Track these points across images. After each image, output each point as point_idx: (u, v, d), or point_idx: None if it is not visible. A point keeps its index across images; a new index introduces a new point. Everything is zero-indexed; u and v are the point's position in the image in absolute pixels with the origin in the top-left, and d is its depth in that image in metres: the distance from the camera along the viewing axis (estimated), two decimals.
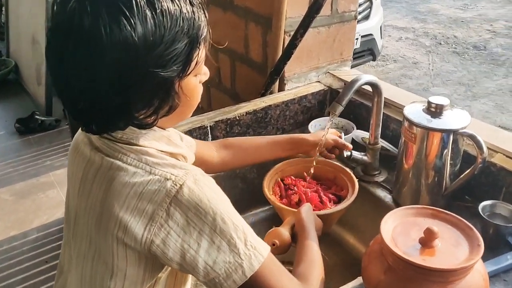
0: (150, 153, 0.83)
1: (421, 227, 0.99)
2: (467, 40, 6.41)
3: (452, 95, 5.04)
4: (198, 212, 0.77)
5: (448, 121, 1.19)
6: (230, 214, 0.80)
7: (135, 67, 0.72)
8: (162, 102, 0.79)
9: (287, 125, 1.67)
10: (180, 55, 0.75)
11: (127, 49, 0.71)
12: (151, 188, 0.78)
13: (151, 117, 0.80)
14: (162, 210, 0.77)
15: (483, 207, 1.18)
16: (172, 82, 0.78)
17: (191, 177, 0.80)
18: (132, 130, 0.83)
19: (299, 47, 1.55)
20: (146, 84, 0.74)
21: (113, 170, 0.81)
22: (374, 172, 1.44)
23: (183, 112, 0.88)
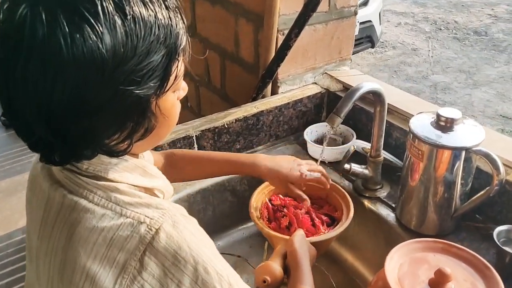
0: (120, 190, 0.70)
1: (431, 266, 0.87)
2: (468, 25, 6.26)
3: (452, 83, 4.92)
4: (177, 261, 0.66)
5: (459, 137, 1.06)
6: (213, 262, 0.69)
7: (103, 85, 0.60)
8: (137, 125, 0.67)
9: (281, 131, 1.54)
10: (156, 69, 0.64)
11: (92, 63, 0.58)
12: (122, 234, 0.66)
13: (124, 143, 0.68)
14: (135, 260, 0.65)
15: (498, 233, 1.06)
16: (148, 101, 0.66)
17: (169, 219, 0.68)
18: (100, 161, 0.70)
19: (294, 46, 1.42)
20: (117, 105, 0.62)
21: (77, 212, 0.69)
22: (376, 187, 1.32)
23: (160, 134, 0.76)
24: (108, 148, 0.68)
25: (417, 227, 1.18)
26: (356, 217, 1.32)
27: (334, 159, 1.43)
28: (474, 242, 1.14)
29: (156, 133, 0.72)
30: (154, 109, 0.68)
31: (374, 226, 1.28)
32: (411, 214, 1.18)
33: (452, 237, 1.16)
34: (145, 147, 0.79)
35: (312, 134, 1.51)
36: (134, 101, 0.63)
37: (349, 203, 1.17)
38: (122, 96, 0.61)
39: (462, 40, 5.89)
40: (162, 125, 0.72)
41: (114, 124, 0.65)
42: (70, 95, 0.59)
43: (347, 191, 1.33)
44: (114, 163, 0.71)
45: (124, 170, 0.72)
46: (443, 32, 6.10)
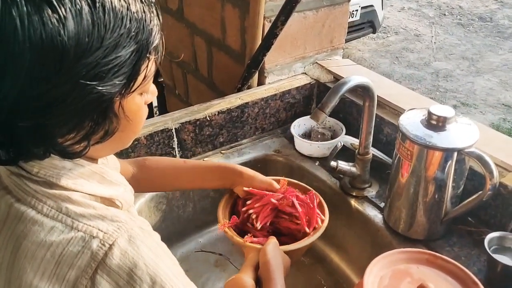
0: (73, 199, 0.63)
1: (414, 279, 0.81)
2: (473, 11, 6.13)
3: (454, 70, 4.83)
4: (132, 280, 0.60)
5: (451, 138, 0.99)
6: (173, 282, 0.62)
7: (62, 77, 0.53)
8: (96, 125, 0.60)
9: (267, 124, 1.47)
10: (123, 66, 0.58)
11: (51, 51, 0.52)
12: (72, 250, 0.60)
13: (80, 144, 0.61)
14: (87, 278, 0.59)
15: (490, 240, 0.99)
16: (110, 101, 0.60)
17: (125, 233, 0.62)
18: (52, 164, 0.64)
19: (282, 34, 1.33)
20: (75, 101, 0.55)
21: (24, 224, 0.62)
22: (364, 186, 1.25)
23: (122, 138, 0.69)
24: (62, 149, 0.61)
25: (404, 230, 1.11)
26: (342, 217, 1.27)
27: (321, 155, 1.36)
28: (465, 248, 1.08)
29: (118, 138, 0.66)
30: (117, 110, 0.62)
31: (360, 227, 1.21)
32: (398, 217, 1.11)
33: (442, 241, 1.09)
34: (106, 152, 0.72)
35: (300, 128, 1.43)
36: (95, 98, 0.57)
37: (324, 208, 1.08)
38: (81, 92, 0.55)
39: (466, 26, 5.77)
40: (125, 129, 0.66)
41: (70, 123, 0.58)
42: (22, 85, 0.53)
43: (334, 189, 1.27)
44: (68, 168, 0.65)
45: (79, 177, 0.66)
46: (447, 18, 5.97)
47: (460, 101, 4.29)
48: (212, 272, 1.30)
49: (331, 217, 1.29)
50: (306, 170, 1.33)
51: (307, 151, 1.37)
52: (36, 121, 0.55)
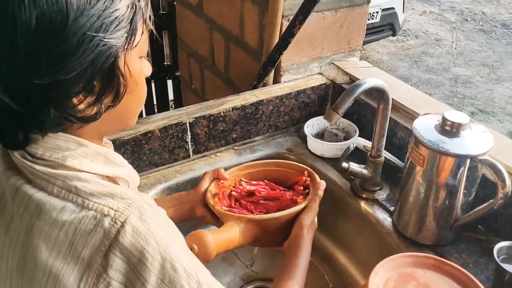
0: (82, 178, 0.65)
1: (419, 284, 0.81)
2: (496, 17, 6.05)
3: (474, 76, 4.77)
4: (144, 258, 0.62)
5: (465, 144, 0.98)
6: (181, 259, 0.64)
7: (68, 29, 0.56)
8: (106, 84, 0.63)
9: (281, 122, 1.47)
10: (122, 19, 0.62)
11: (54, 4, 0.55)
12: (85, 229, 0.62)
13: (93, 107, 0.63)
14: (101, 256, 0.61)
15: (499, 249, 0.98)
16: (116, 55, 0.62)
17: (135, 211, 0.63)
18: (57, 146, 0.65)
19: (299, 33, 1.33)
20: (84, 54, 0.58)
21: (35, 204, 0.64)
22: (374, 188, 1.25)
23: (129, 106, 0.70)
24: (76, 113, 0.62)
25: (413, 235, 1.11)
26: (351, 218, 1.27)
27: (333, 155, 1.36)
28: (473, 255, 1.07)
29: (125, 105, 0.68)
30: (123, 68, 0.64)
31: (369, 229, 1.21)
32: (408, 221, 1.11)
33: (450, 248, 1.09)
34: (115, 125, 0.74)
35: (313, 128, 1.44)
36: (102, 51, 0.59)
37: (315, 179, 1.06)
38: (89, 43, 0.58)
39: (488, 32, 5.70)
40: (132, 94, 0.68)
41: (82, 78, 0.59)
42: (32, 40, 0.55)
43: (344, 190, 1.27)
44: (72, 149, 0.66)
45: (84, 157, 0.67)
46: (469, 23, 5.90)
47: (478, 108, 4.24)
48: (219, 266, 1.31)
49: (340, 219, 1.30)
50: (318, 170, 1.33)
51: (320, 151, 1.37)
52: (50, 77, 0.57)
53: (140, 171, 1.29)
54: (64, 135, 0.65)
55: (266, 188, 1.09)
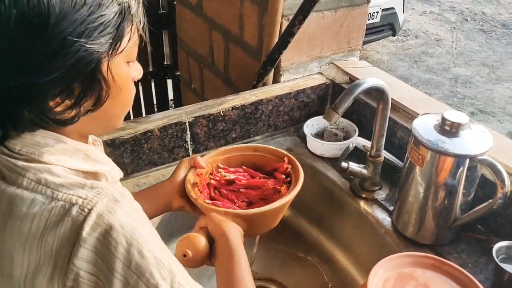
0: (53, 171, 0.64)
1: (419, 283, 0.81)
2: (496, 17, 6.05)
3: (474, 76, 4.77)
4: (107, 242, 0.60)
5: (464, 144, 0.98)
6: (150, 245, 0.62)
7: (48, 32, 0.55)
8: (86, 88, 0.62)
9: (280, 121, 1.47)
10: (108, 25, 0.60)
11: (37, 8, 0.54)
12: (55, 220, 0.60)
13: (71, 111, 0.62)
14: (69, 247, 0.60)
15: (498, 249, 0.98)
16: (99, 61, 0.61)
17: (104, 198, 0.62)
18: (35, 141, 0.64)
19: (299, 33, 1.33)
20: (64, 58, 0.57)
21: (7, 200, 0.63)
22: (374, 188, 1.25)
23: (112, 110, 0.69)
24: (53, 115, 0.61)
25: (412, 234, 1.11)
26: (351, 218, 1.27)
27: (333, 155, 1.36)
28: (473, 255, 1.07)
29: (108, 109, 0.67)
30: (106, 73, 0.63)
31: (368, 229, 1.21)
32: (407, 221, 1.11)
33: (450, 247, 1.09)
34: (97, 128, 0.72)
35: (313, 127, 1.44)
36: (83, 56, 0.58)
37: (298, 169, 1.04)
38: (70, 49, 0.57)
39: (488, 32, 5.69)
40: (115, 99, 0.66)
41: (61, 82, 0.58)
42: (9, 43, 0.54)
43: (343, 190, 1.27)
44: (50, 145, 0.65)
45: (62, 153, 0.66)
46: (469, 23, 5.90)
47: (478, 108, 4.24)
48: None
49: (340, 218, 1.30)
50: (317, 170, 1.33)
51: (319, 151, 1.37)
52: (26, 79, 0.56)
53: (139, 171, 1.29)
54: (43, 131, 0.65)
55: (245, 176, 1.06)
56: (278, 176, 1.05)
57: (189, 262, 0.81)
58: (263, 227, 1.00)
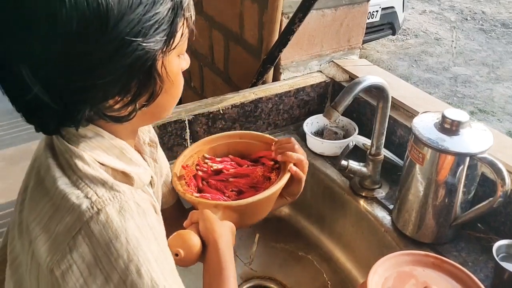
0: (85, 159, 0.65)
1: (418, 282, 0.80)
2: (496, 16, 6.04)
3: (473, 76, 4.76)
4: (109, 252, 0.59)
5: (465, 142, 0.98)
6: (151, 266, 0.60)
7: (108, 35, 0.56)
8: (142, 86, 0.63)
9: (280, 120, 1.47)
10: (163, 22, 0.61)
11: (96, 10, 0.55)
12: (65, 205, 0.61)
13: (128, 107, 0.64)
14: (70, 237, 0.60)
15: (498, 247, 0.98)
16: (154, 58, 0.62)
17: (117, 203, 0.62)
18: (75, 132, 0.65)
19: (299, 31, 1.33)
20: (121, 59, 0.58)
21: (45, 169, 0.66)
22: (374, 186, 1.25)
23: (163, 104, 0.71)
24: (111, 112, 0.64)
25: (412, 233, 1.10)
26: (351, 217, 1.27)
27: (333, 153, 1.36)
28: (473, 254, 1.07)
29: (161, 102, 0.68)
30: (160, 70, 0.64)
31: (368, 228, 1.21)
32: (407, 219, 1.11)
33: (450, 246, 1.09)
34: (148, 121, 0.75)
35: (313, 126, 1.43)
36: (140, 55, 0.59)
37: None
38: (128, 49, 0.57)
39: (488, 32, 5.69)
40: (167, 92, 0.68)
41: (119, 82, 0.60)
42: (69, 45, 0.55)
43: (343, 188, 1.27)
44: (89, 137, 0.66)
45: (98, 147, 0.67)
46: (469, 23, 5.89)
47: (477, 107, 4.24)
48: None
49: (339, 217, 1.30)
50: (317, 168, 1.33)
51: (319, 149, 1.37)
52: (86, 81, 0.58)
53: None
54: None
55: (233, 165, 1.03)
56: (266, 163, 1.02)
57: (181, 262, 0.79)
58: (255, 216, 0.97)
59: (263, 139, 1.06)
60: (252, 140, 1.07)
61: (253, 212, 0.96)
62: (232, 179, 1.00)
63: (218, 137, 1.08)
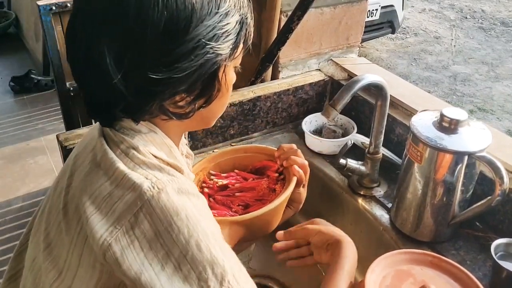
0: (140, 150, 0.69)
1: (416, 281, 0.80)
2: (495, 15, 6.04)
3: (473, 74, 4.76)
4: (171, 228, 0.63)
5: (463, 141, 0.98)
6: (210, 242, 0.64)
7: (189, 34, 0.64)
8: (205, 88, 0.70)
9: (279, 118, 1.47)
10: (231, 32, 0.68)
11: (183, 11, 0.63)
12: (126, 184, 0.65)
13: (189, 106, 0.71)
14: (131, 214, 0.64)
15: (496, 246, 0.98)
16: (220, 64, 0.69)
17: (176, 185, 0.66)
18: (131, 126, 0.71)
19: (298, 29, 1.33)
20: (196, 58, 0.65)
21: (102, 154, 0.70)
22: (372, 185, 1.24)
23: (214, 111, 0.78)
24: (174, 108, 0.70)
25: (411, 232, 1.10)
26: (349, 215, 1.26)
27: (331, 152, 1.35)
28: (471, 252, 1.07)
29: (213, 108, 0.75)
30: (221, 76, 0.71)
31: (366, 226, 1.21)
32: (405, 218, 1.11)
33: (448, 244, 1.09)
34: (196, 125, 0.80)
35: (311, 124, 1.43)
36: (210, 58, 0.66)
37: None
38: (202, 50, 0.64)
39: (487, 30, 5.68)
40: (220, 100, 0.74)
41: (187, 80, 0.66)
42: (156, 40, 0.62)
43: (342, 187, 1.27)
44: (143, 132, 0.71)
45: (151, 142, 0.71)
46: (468, 21, 5.89)
47: (477, 106, 4.24)
48: None
49: (338, 215, 1.30)
50: (315, 167, 1.33)
51: (318, 148, 1.37)
52: (165, 74, 0.63)
53: None
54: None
55: (238, 179, 1.05)
56: (271, 175, 1.03)
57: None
58: (263, 229, 0.98)
59: (268, 151, 1.08)
60: (257, 153, 1.09)
61: (261, 225, 0.96)
62: (238, 194, 1.01)
63: (224, 153, 1.10)
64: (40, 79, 3.50)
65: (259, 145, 1.11)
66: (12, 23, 4.23)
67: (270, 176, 1.03)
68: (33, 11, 3.63)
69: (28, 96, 3.45)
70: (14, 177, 2.79)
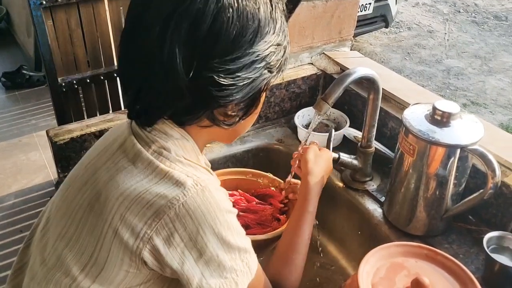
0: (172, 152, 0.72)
1: (410, 273, 0.80)
2: (489, 9, 6.04)
3: (466, 68, 4.77)
4: (213, 221, 0.69)
5: (455, 134, 0.97)
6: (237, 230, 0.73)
7: (253, 47, 0.67)
8: (250, 101, 0.73)
9: (272, 112, 1.46)
10: (281, 55, 0.72)
11: (252, 22, 0.67)
12: (169, 180, 0.69)
13: (234, 117, 0.73)
14: (172, 208, 0.67)
15: (488, 239, 0.98)
16: (268, 81, 0.73)
17: (213, 183, 0.72)
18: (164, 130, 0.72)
19: (289, 23, 1.32)
20: (253, 71, 0.68)
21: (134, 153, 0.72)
22: (365, 179, 1.24)
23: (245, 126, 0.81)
24: (223, 117, 0.72)
25: (404, 225, 1.10)
26: (342, 209, 1.26)
27: (324, 146, 1.34)
28: (464, 245, 1.07)
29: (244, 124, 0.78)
30: (261, 94, 0.74)
31: (359, 220, 1.20)
32: (398, 212, 1.11)
33: (441, 238, 1.08)
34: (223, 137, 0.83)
35: (304, 118, 1.42)
36: (263, 74, 0.70)
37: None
38: (258, 64, 0.68)
39: (480, 24, 5.69)
40: (251, 116, 0.77)
41: (242, 91, 0.69)
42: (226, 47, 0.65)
43: (334, 181, 1.26)
44: (175, 137, 0.73)
45: (182, 147, 0.74)
46: (461, 15, 5.89)
47: (470, 100, 4.25)
48: None
49: (331, 209, 1.29)
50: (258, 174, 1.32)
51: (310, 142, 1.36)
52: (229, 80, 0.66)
53: None
54: (172, 123, 0.73)
55: (242, 200, 1.10)
56: (275, 204, 1.09)
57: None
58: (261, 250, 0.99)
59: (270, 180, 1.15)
60: (260, 178, 1.16)
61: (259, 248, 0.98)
62: (241, 214, 1.06)
63: (229, 172, 1.16)
64: (32, 75, 3.47)
65: (264, 173, 1.16)
66: (3, 18, 4.19)
67: (274, 205, 1.09)
68: (24, 5, 3.59)
69: (20, 92, 3.42)
70: (6, 173, 2.77)
